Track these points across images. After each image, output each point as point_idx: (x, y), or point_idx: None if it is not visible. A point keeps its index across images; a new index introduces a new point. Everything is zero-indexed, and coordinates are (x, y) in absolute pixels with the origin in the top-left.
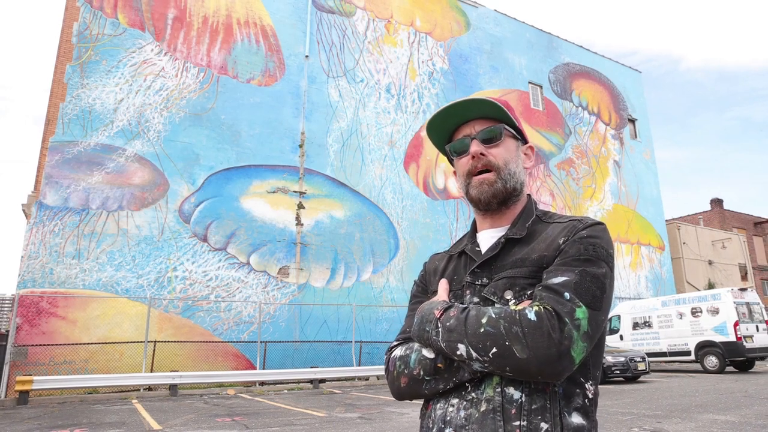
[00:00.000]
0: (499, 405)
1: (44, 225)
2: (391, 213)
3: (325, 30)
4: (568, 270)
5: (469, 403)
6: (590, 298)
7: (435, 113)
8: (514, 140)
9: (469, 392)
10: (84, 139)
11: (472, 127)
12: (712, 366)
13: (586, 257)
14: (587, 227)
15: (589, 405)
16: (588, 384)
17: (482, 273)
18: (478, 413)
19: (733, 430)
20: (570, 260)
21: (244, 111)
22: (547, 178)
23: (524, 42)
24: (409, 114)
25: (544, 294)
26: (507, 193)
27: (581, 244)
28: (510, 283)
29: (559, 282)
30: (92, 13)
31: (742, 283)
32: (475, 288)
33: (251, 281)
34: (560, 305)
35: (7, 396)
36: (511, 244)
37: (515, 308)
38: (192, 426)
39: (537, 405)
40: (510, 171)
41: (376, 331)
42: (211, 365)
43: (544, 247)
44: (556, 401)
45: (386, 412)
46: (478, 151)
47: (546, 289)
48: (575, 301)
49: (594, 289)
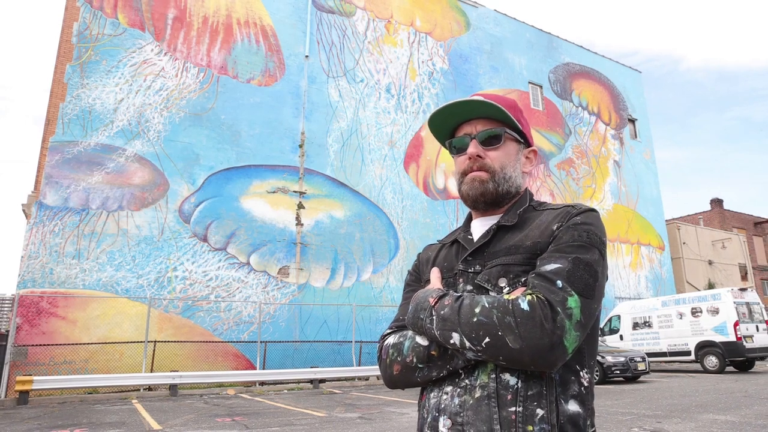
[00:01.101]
0: (494, 391)
1: (44, 225)
2: (391, 213)
3: (325, 30)
4: (562, 257)
5: (463, 390)
6: (583, 287)
7: (439, 108)
8: (515, 143)
9: (463, 379)
10: (84, 139)
11: (474, 126)
12: (712, 366)
13: (579, 243)
14: (581, 213)
15: (585, 393)
16: (583, 372)
17: (475, 260)
18: (472, 399)
19: (733, 430)
20: (563, 246)
21: (244, 111)
22: (547, 178)
23: (524, 42)
24: (409, 114)
25: (537, 282)
26: (497, 196)
27: (575, 231)
28: (504, 270)
29: (552, 269)
30: (92, 13)
31: (742, 283)
32: (468, 276)
33: (251, 281)
34: (552, 294)
35: (7, 396)
36: (503, 232)
37: (508, 297)
38: (192, 426)
39: (533, 391)
40: (505, 175)
41: (376, 331)
42: (211, 365)
43: (538, 234)
44: (552, 387)
45: (386, 412)
46: (475, 153)
47: (539, 276)
48: (567, 290)
49: (587, 277)
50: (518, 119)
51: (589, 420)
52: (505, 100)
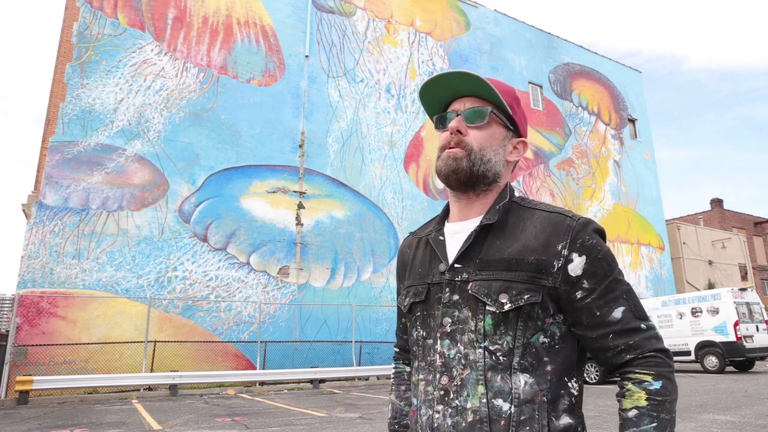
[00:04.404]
0: (486, 416)
1: (44, 225)
2: (391, 213)
3: (325, 30)
4: (616, 298)
5: (454, 411)
6: (642, 310)
7: (432, 77)
8: (503, 128)
9: (453, 399)
10: (84, 139)
11: (463, 103)
12: (712, 366)
13: (614, 276)
14: (586, 232)
15: (575, 403)
16: (572, 382)
17: (462, 268)
18: (465, 423)
19: (733, 430)
20: (608, 285)
21: (244, 111)
22: (547, 178)
23: (524, 42)
24: (409, 114)
25: (634, 340)
26: (471, 176)
27: (603, 262)
28: (506, 286)
29: (622, 317)
30: (92, 13)
31: (742, 283)
32: (455, 285)
33: (251, 281)
34: (651, 341)
35: (7, 396)
36: (486, 233)
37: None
38: (192, 426)
39: (526, 416)
40: (483, 156)
41: (376, 331)
42: (211, 365)
43: (539, 248)
44: (544, 410)
45: (386, 412)
46: (455, 128)
47: (625, 333)
48: (648, 324)
49: (637, 301)
50: (512, 106)
51: (580, 427)
52: (503, 85)
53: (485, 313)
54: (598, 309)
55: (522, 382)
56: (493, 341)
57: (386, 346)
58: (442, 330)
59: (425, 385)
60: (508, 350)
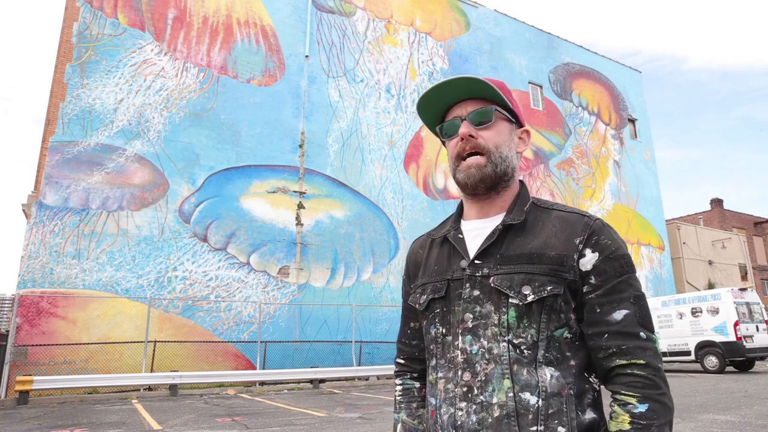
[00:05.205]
0: (513, 410)
1: (44, 225)
2: (391, 213)
3: (325, 30)
4: (623, 300)
5: (479, 407)
6: (650, 322)
7: (426, 91)
8: (507, 123)
9: (477, 395)
10: (84, 139)
11: (464, 107)
12: (712, 366)
13: (627, 278)
14: (603, 232)
15: (598, 397)
16: (592, 377)
17: (483, 264)
18: (491, 418)
19: (733, 430)
20: (616, 284)
21: (244, 111)
22: (547, 178)
23: (524, 42)
24: (409, 114)
25: (627, 344)
26: (496, 178)
27: (616, 262)
28: (528, 278)
29: (624, 319)
30: (92, 13)
31: (742, 283)
32: (476, 280)
33: (251, 281)
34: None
35: (7, 396)
36: (510, 232)
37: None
38: (192, 426)
39: (554, 409)
40: (501, 155)
41: (376, 331)
42: (211, 365)
43: (561, 245)
44: (572, 404)
45: (386, 412)
46: (467, 133)
47: (620, 335)
48: (651, 337)
49: (647, 311)
50: (508, 98)
51: (602, 422)
52: (494, 80)
53: (508, 306)
54: (600, 306)
55: (548, 375)
56: (516, 334)
57: (386, 346)
58: (464, 326)
59: (445, 383)
60: (533, 343)
